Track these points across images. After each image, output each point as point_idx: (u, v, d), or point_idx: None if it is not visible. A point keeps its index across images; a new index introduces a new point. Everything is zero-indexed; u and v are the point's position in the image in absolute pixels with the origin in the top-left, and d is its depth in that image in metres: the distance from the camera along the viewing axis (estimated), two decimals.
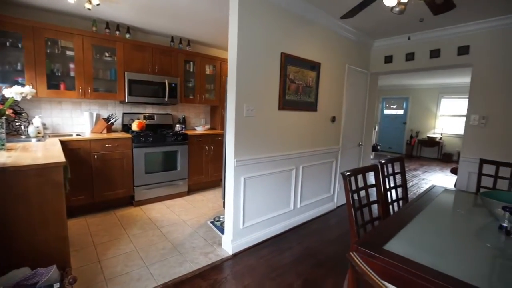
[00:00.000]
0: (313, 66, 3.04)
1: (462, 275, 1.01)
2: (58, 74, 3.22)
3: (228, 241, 2.51)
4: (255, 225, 2.67)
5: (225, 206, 2.58)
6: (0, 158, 1.80)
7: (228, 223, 2.52)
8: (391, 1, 1.75)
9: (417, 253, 1.18)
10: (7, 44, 2.89)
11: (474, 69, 3.07)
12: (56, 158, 1.88)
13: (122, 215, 3.22)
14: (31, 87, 2.19)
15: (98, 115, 3.67)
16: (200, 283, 2.05)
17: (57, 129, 3.46)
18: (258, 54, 2.45)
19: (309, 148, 3.18)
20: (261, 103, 2.56)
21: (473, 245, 1.32)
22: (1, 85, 2.70)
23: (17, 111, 3.10)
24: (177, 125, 4.22)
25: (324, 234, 2.97)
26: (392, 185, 2.23)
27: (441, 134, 8.39)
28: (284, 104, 2.78)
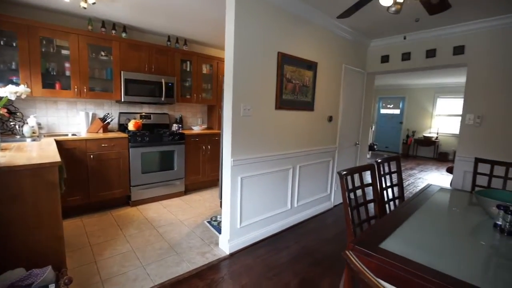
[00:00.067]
0: (310, 66, 3.04)
1: (457, 273, 1.01)
2: (54, 73, 3.19)
3: (225, 240, 2.51)
4: (252, 225, 2.67)
5: (222, 205, 2.58)
6: None
7: (225, 222, 2.52)
8: (387, 1, 1.76)
9: (413, 251, 1.19)
10: (1, 43, 2.85)
11: (469, 69, 3.09)
12: (51, 158, 1.86)
13: (118, 215, 3.21)
14: (26, 86, 2.17)
15: (94, 115, 3.64)
16: (197, 283, 2.04)
17: (53, 128, 3.43)
18: (255, 54, 2.45)
19: (306, 148, 3.18)
20: (258, 102, 2.56)
21: (468, 243, 1.34)
22: None
23: (11, 110, 3.07)
24: (174, 124, 4.21)
25: (321, 233, 2.98)
26: (388, 184, 2.25)
27: (437, 133, 8.45)
28: (281, 104, 2.78)
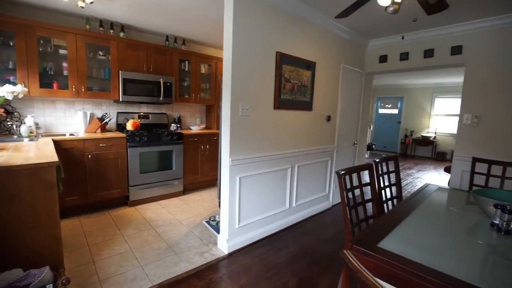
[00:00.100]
0: (308, 66, 3.04)
1: (455, 272, 1.02)
2: (51, 73, 3.18)
3: (223, 240, 2.51)
4: (250, 224, 2.67)
5: (220, 205, 2.58)
6: None
7: (224, 222, 2.52)
8: (385, 0, 1.76)
9: (411, 250, 1.20)
10: None
11: (466, 68, 3.11)
12: (49, 157, 1.85)
13: (116, 215, 3.20)
14: (23, 86, 2.16)
15: (92, 115, 3.63)
16: (196, 282, 2.04)
17: (50, 128, 3.41)
18: (253, 53, 2.45)
19: (305, 147, 3.19)
20: (256, 102, 2.56)
21: (465, 242, 1.34)
22: None
23: (8, 110, 3.05)
24: (172, 124, 4.20)
25: (319, 233, 2.98)
26: (386, 183, 2.25)
27: (435, 133, 8.48)
28: (279, 104, 2.78)
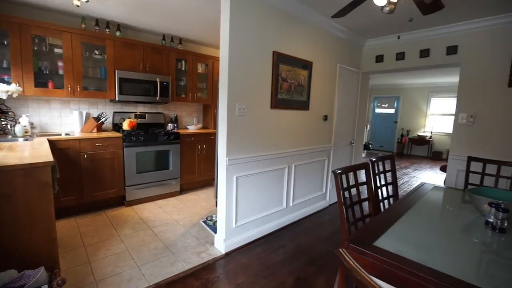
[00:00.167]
0: (305, 65, 3.05)
1: (450, 270, 1.02)
2: (46, 72, 3.15)
3: (220, 240, 2.50)
4: (248, 224, 2.67)
5: (217, 205, 2.57)
6: None
7: (221, 222, 2.52)
8: (381, 0, 1.77)
9: (407, 249, 1.20)
10: None
11: (462, 68, 3.13)
12: (44, 157, 1.84)
13: (113, 215, 3.18)
14: (18, 85, 2.15)
15: (88, 114, 3.61)
16: (193, 282, 2.04)
17: (45, 128, 3.38)
18: (250, 53, 2.45)
19: (302, 147, 3.19)
20: (253, 101, 2.55)
21: (461, 240, 1.35)
22: None
23: (3, 109, 3.02)
24: (169, 124, 4.18)
25: (316, 232, 2.99)
26: (383, 182, 2.26)
27: (431, 132, 8.54)
28: (276, 103, 2.78)
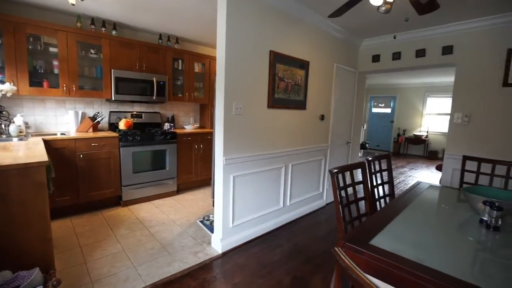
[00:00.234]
0: (302, 65, 3.05)
1: (445, 268, 1.03)
2: (41, 71, 3.12)
3: (217, 240, 2.50)
4: (245, 223, 2.67)
5: (214, 204, 2.57)
6: None
7: (218, 221, 2.51)
8: (377, 0, 1.77)
9: (403, 247, 1.21)
10: None
11: (457, 68, 3.16)
12: (39, 157, 1.82)
13: (109, 215, 3.16)
14: (12, 84, 2.12)
15: (83, 114, 3.58)
16: (189, 282, 2.03)
17: (41, 128, 3.35)
18: (247, 52, 2.45)
19: (298, 146, 3.20)
20: (250, 101, 2.55)
21: (456, 239, 1.36)
22: None
23: None
24: (166, 123, 4.17)
25: (313, 231, 3.00)
26: (379, 181, 2.28)
27: (427, 132, 8.60)
28: (273, 102, 2.78)
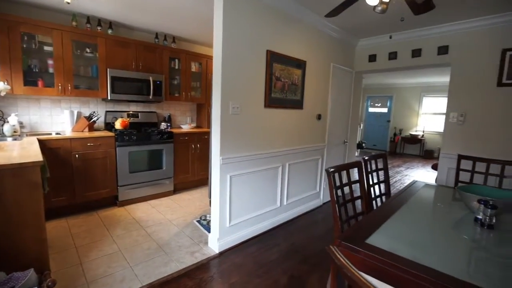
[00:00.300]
0: (298, 64, 3.06)
1: (441, 266, 1.04)
2: (36, 70, 3.09)
3: (214, 239, 2.50)
4: (242, 223, 2.67)
5: (211, 204, 2.56)
6: None
7: (215, 221, 2.51)
8: (373, 0, 1.78)
9: (399, 246, 1.22)
10: None
11: (452, 68, 3.18)
12: (33, 157, 1.80)
13: (105, 215, 3.14)
14: (6, 83, 2.10)
15: (79, 113, 3.55)
16: (186, 282, 2.03)
17: (35, 127, 3.32)
18: (243, 51, 2.44)
19: (295, 146, 3.20)
20: (247, 100, 2.55)
21: (451, 237, 1.37)
22: None
23: None
24: (162, 123, 4.15)
25: (310, 230, 3.00)
26: (375, 181, 2.29)
27: (423, 131, 8.66)
28: (270, 102, 2.78)
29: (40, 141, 2.70)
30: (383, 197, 2.34)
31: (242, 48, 2.42)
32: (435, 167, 4.58)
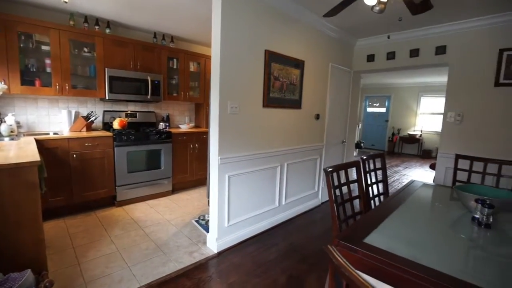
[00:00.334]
0: (297, 64, 3.06)
1: (439, 265, 1.04)
2: (33, 69, 3.07)
3: (213, 239, 2.49)
4: (240, 223, 2.67)
5: (209, 204, 2.56)
6: None
7: (213, 221, 2.51)
8: (371, 0, 1.78)
9: (397, 245, 1.22)
10: None
11: (450, 68, 3.19)
12: (30, 157, 1.79)
13: (103, 215, 3.13)
14: (3, 83, 2.09)
15: (77, 113, 3.53)
16: (185, 282, 2.02)
17: (33, 127, 3.30)
18: (242, 51, 2.44)
19: (294, 145, 3.20)
20: (245, 100, 2.55)
21: (448, 236, 1.38)
22: None
23: None
24: (161, 123, 4.14)
25: (308, 230, 3.01)
26: (373, 180, 2.29)
27: (421, 131, 8.69)
28: (268, 102, 2.78)
29: (37, 141, 2.69)
30: (381, 197, 2.35)
31: (240, 48, 2.42)
32: (433, 166, 4.60)
